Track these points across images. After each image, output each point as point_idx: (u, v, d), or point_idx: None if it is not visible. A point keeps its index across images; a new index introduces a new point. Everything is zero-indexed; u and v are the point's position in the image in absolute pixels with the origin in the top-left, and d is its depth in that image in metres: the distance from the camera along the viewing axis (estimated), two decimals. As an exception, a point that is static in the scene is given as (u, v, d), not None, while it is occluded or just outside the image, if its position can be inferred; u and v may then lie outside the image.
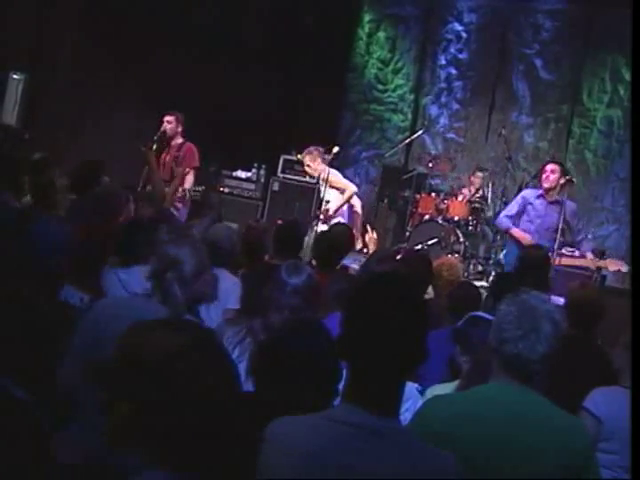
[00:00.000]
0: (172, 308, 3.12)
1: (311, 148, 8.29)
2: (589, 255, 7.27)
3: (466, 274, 8.90)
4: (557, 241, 7.05)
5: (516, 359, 2.42)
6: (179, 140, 7.90)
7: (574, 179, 8.11)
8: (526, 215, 7.54)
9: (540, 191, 7.51)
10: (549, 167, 7.47)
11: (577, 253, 7.30)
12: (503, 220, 7.67)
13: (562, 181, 7.43)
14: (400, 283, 2.05)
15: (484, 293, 5.23)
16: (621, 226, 10.48)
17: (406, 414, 2.93)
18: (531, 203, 7.53)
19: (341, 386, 2.13)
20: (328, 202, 8.11)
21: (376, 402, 1.93)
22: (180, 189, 7.65)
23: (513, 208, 7.65)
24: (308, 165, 8.23)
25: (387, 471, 1.89)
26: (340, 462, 1.89)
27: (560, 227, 7.18)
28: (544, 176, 7.43)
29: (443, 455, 2.03)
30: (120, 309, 3.13)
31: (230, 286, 4.67)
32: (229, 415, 1.64)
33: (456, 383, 3.17)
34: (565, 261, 7.16)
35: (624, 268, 7.25)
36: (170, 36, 9.99)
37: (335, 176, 8.23)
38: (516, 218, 7.56)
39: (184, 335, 1.64)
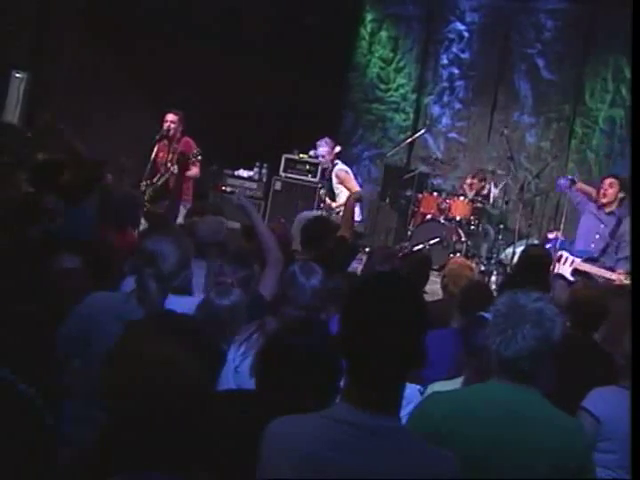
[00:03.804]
0: (147, 304, 3.07)
1: (326, 138, 8.72)
2: (618, 271, 7.16)
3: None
4: (598, 249, 7.19)
5: (497, 356, 2.45)
6: (177, 138, 7.94)
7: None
8: (584, 216, 7.63)
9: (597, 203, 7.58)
10: (607, 181, 7.54)
11: (606, 265, 7.30)
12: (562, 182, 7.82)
13: (621, 195, 7.49)
14: (399, 283, 2.04)
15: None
16: (623, 226, 10.47)
17: (407, 417, 2.92)
18: (589, 210, 7.62)
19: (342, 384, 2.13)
20: (336, 195, 8.39)
21: (375, 402, 1.92)
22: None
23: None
24: (323, 156, 8.55)
25: (387, 471, 1.88)
26: (339, 462, 1.89)
27: (607, 240, 7.31)
28: (602, 191, 7.51)
29: (443, 454, 2.02)
30: (104, 306, 3.16)
31: None
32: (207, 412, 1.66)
33: (457, 381, 3.17)
34: (593, 270, 7.21)
35: None
36: (172, 35, 10.00)
37: (348, 174, 8.46)
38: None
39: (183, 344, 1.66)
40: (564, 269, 7.27)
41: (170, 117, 7.87)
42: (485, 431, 2.41)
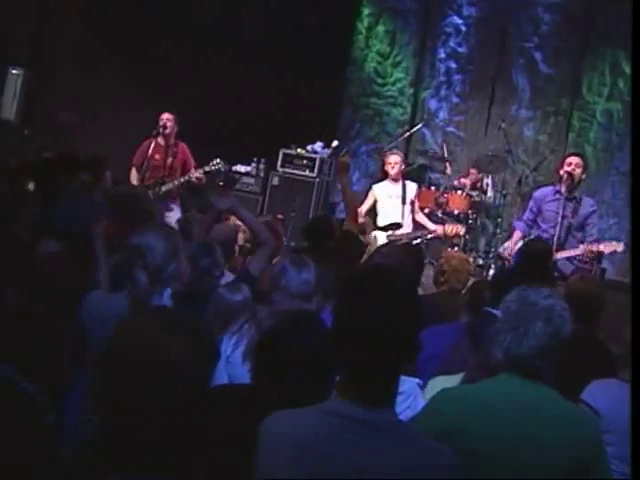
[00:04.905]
0: (137, 297, 3.07)
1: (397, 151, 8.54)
2: (583, 245, 6.59)
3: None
4: (556, 235, 6.74)
5: (507, 353, 2.46)
6: (172, 139, 7.94)
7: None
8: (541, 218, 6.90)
9: (555, 188, 6.80)
10: (575, 161, 6.70)
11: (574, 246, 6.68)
12: (517, 224, 7.21)
13: (583, 177, 6.75)
14: (392, 276, 2.03)
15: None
16: (621, 220, 10.48)
17: (407, 412, 2.92)
18: (547, 202, 6.85)
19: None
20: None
21: (370, 395, 1.92)
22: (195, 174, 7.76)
23: (528, 215, 7.06)
24: (396, 163, 8.26)
25: (382, 464, 1.88)
26: (335, 455, 1.89)
27: (570, 223, 6.68)
28: (569, 169, 6.63)
29: (440, 449, 2.01)
30: (99, 303, 3.19)
31: None
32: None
33: (460, 376, 3.17)
34: (561, 254, 6.63)
35: (620, 248, 6.50)
36: (170, 31, 9.99)
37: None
38: (533, 223, 6.99)
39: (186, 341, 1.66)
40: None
41: (165, 116, 7.88)
42: (499, 427, 2.42)
